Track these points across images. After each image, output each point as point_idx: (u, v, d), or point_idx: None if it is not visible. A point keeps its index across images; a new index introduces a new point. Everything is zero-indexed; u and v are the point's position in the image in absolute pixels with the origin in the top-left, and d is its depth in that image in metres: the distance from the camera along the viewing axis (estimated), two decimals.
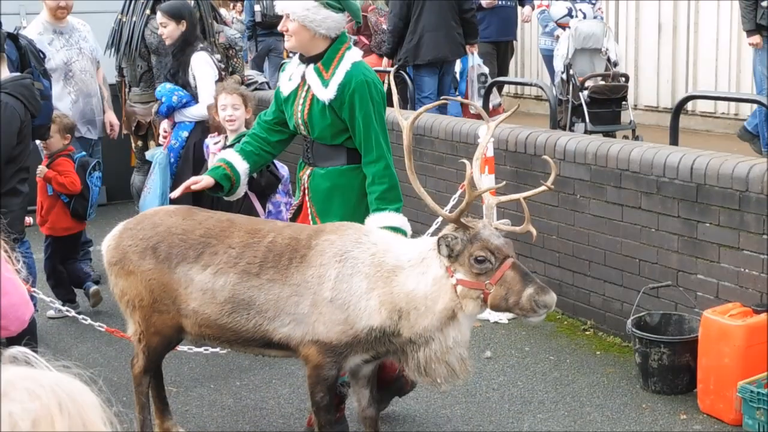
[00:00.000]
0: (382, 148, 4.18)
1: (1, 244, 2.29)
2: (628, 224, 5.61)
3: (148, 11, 7.29)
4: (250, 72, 10.26)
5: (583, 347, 5.75)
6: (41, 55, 5.83)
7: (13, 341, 4.24)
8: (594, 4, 10.94)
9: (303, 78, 4.30)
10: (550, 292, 3.62)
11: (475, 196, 3.67)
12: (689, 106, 10.33)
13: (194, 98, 6.34)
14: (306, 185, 4.41)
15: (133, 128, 7.44)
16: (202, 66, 6.36)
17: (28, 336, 4.98)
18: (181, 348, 4.75)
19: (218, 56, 6.78)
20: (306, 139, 4.41)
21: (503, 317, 6.13)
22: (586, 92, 9.65)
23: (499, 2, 10.76)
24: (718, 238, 5.07)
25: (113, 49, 7.49)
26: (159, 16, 6.53)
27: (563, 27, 10.65)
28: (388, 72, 7.29)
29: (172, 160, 6.31)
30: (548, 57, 10.93)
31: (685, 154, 5.30)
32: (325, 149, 4.32)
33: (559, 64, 10.12)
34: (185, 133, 6.35)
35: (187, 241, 4.02)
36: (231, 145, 5.23)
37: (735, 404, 4.60)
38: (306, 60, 4.30)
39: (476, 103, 4.74)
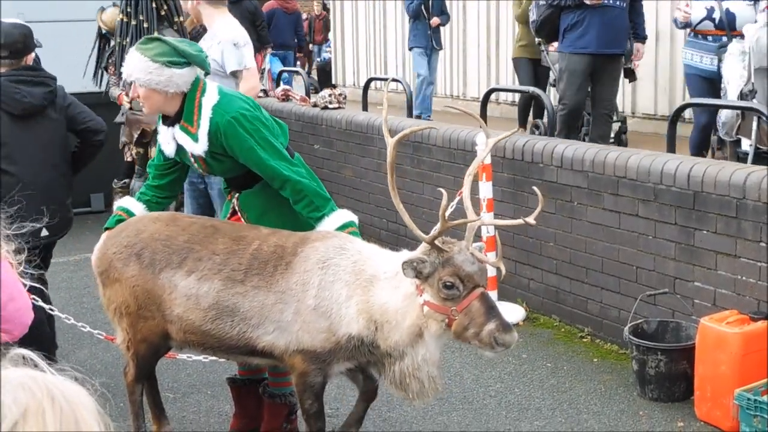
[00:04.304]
0: (282, 171, 4.07)
1: (5, 249, 2.29)
2: (626, 231, 5.62)
3: (155, 34, 7.26)
4: None
5: (581, 354, 5.75)
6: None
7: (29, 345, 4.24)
8: (757, 2, 7.69)
9: (176, 139, 4.22)
10: (512, 331, 3.53)
11: (449, 227, 3.58)
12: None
13: None
14: (238, 207, 4.36)
15: (136, 136, 7.45)
16: None
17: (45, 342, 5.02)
18: (180, 356, 4.75)
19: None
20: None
21: None
22: None
23: (605, 0, 7.76)
24: (716, 245, 5.07)
25: (105, 71, 7.51)
26: None
27: (703, 35, 7.96)
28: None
29: None
30: (691, 76, 8.24)
31: (682, 161, 5.31)
32: (242, 178, 4.28)
33: (734, 91, 7.18)
34: None
35: (171, 247, 4.01)
36: None
37: (732, 412, 4.59)
38: (169, 122, 4.20)
39: (475, 115, 4.65)
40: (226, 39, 6.76)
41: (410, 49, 12.87)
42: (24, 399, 1.19)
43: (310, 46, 22.41)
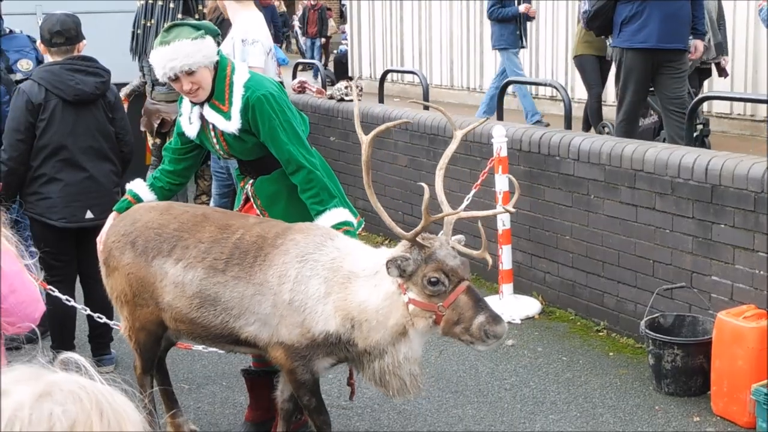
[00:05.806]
0: (298, 157, 4.09)
1: (5, 237, 2.27)
2: (642, 225, 5.59)
3: (179, 15, 7.29)
4: None
5: (596, 348, 5.73)
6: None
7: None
8: None
9: (203, 118, 4.22)
10: (502, 322, 3.49)
11: (432, 221, 3.57)
12: (705, 106, 10.28)
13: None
14: (252, 193, 4.37)
15: (156, 126, 7.47)
16: None
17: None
18: (196, 347, 4.76)
19: None
20: (239, 160, 4.39)
21: (516, 317, 6.13)
22: None
23: None
24: (733, 239, 5.04)
25: (137, 54, 7.51)
26: None
27: None
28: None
29: None
30: None
31: (700, 154, 5.28)
32: (260, 162, 4.29)
33: None
34: None
35: (162, 235, 4.04)
36: None
37: (748, 407, 4.57)
38: (199, 101, 4.20)
39: (439, 108, 4.55)
40: (237, 35, 6.83)
41: (500, 49, 11.69)
42: (74, 411, 1.17)
43: (303, 39, 22.21)
